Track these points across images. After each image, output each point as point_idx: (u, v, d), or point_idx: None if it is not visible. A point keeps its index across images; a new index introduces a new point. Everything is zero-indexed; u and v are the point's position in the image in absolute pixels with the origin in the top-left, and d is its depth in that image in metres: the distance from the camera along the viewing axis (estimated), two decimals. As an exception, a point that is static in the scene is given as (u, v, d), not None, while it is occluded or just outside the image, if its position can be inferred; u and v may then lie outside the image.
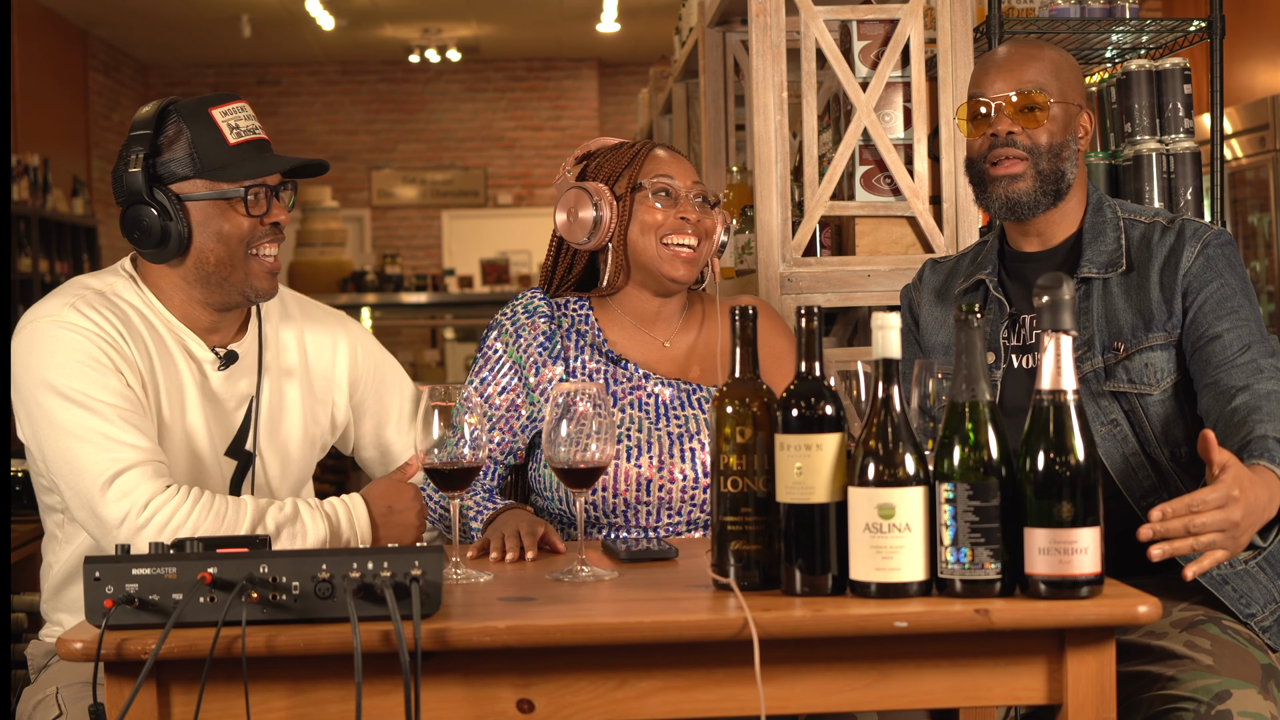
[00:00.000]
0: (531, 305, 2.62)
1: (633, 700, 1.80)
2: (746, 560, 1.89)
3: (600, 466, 2.07)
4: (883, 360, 1.83)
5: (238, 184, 2.31)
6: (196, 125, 2.31)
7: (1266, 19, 8.04)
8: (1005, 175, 2.41)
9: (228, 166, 2.31)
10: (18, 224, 8.66)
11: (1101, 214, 2.46)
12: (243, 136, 2.34)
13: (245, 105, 2.38)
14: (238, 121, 2.34)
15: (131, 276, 2.39)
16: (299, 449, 2.50)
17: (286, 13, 10.98)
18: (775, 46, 3.16)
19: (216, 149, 2.31)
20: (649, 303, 2.63)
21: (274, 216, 2.36)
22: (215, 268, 2.34)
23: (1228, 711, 2.06)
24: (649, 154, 2.63)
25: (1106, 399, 2.36)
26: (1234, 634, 2.22)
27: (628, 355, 2.59)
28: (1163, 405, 2.35)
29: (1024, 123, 2.40)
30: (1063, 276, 1.82)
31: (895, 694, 1.82)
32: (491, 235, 12.99)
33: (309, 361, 2.53)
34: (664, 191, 2.60)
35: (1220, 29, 3.32)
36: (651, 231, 2.58)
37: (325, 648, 1.73)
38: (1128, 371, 2.36)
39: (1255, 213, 6.88)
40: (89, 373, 2.23)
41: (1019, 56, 2.45)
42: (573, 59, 13.24)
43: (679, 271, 2.58)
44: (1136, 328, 2.36)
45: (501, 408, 2.56)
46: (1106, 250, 2.42)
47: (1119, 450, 2.34)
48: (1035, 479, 1.79)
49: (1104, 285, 2.40)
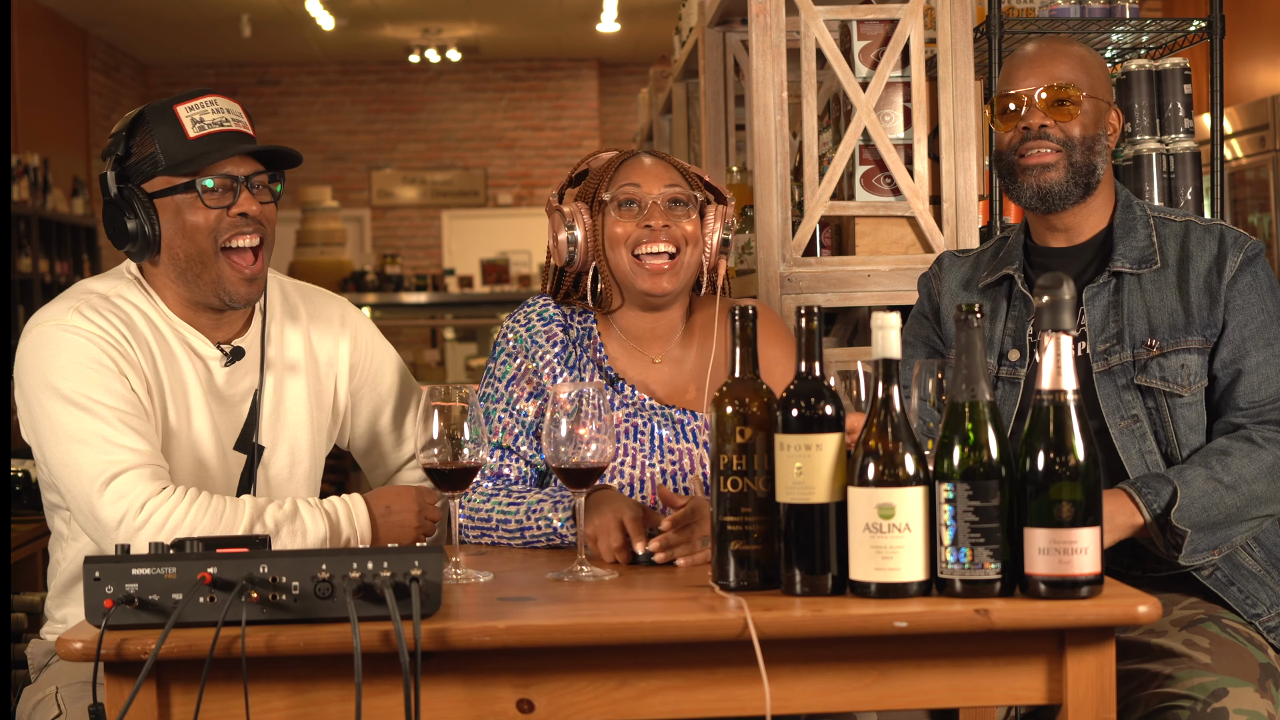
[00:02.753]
0: (546, 313, 2.54)
1: (633, 700, 1.80)
2: (746, 560, 1.89)
3: (600, 467, 2.07)
4: (883, 360, 1.83)
5: (192, 174, 2.31)
6: (161, 123, 2.33)
7: (1266, 19, 8.04)
8: (1037, 165, 2.39)
9: (188, 160, 2.31)
10: (18, 224, 8.66)
11: (1131, 211, 2.46)
12: (206, 129, 2.33)
13: (217, 99, 2.37)
14: (202, 115, 2.34)
15: (136, 279, 2.41)
16: (307, 439, 2.50)
17: (286, 13, 10.98)
18: (775, 46, 3.16)
19: (178, 144, 2.32)
20: (641, 320, 2.53)
21: (241, 207, 2.33)
22: (187, 264, 2.35)
23: (1224, 709, 2.06)
24: (620, 165, 2.52)
25: (1132, 393, 2.35)
26: (1233, 633, 2.22)
27: (626, 374, 2.51)
28: (1190, 408, 2.34)
29: (1056, 116, 2.39)
30: (1063, 276, 1.82)
31: (895, 694, 1.82)
32: (491, 235, 12.99)
33: (314, 352, 2.53)
34: (629, 201, 2.49)
35: (1220, 29, 3.32)
36: (621, 245, 2.48)
37: (325, 648, 1.73)
38: (1161, 369, 2.35)
39: (1255, 213, 6.89)
40: (91, 375, 2.24)
41: (1049, 52, 2.44)
42: (573, 59, 13.25)
43: (650, 284, 2.47)
44: (1175, 328, 2.36)
45: (530, 414, 2.48)
46: (1139, 246, 2.41)
47: (1135, 446, 2.34)
48: (1035, 479, 1.79)
49: (1137, 281, 2.39)
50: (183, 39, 11.93)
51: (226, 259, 2.34)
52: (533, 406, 2.48)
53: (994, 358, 2.45)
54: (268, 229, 2.39)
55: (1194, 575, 2.31)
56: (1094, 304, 2.39)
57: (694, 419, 2.48)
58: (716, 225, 2.52)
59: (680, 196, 2.49)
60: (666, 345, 2.54)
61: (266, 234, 2.38)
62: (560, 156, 13.21)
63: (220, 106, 2.36)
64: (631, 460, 2.44)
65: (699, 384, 2.52)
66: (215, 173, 2.32)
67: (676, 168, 2.54)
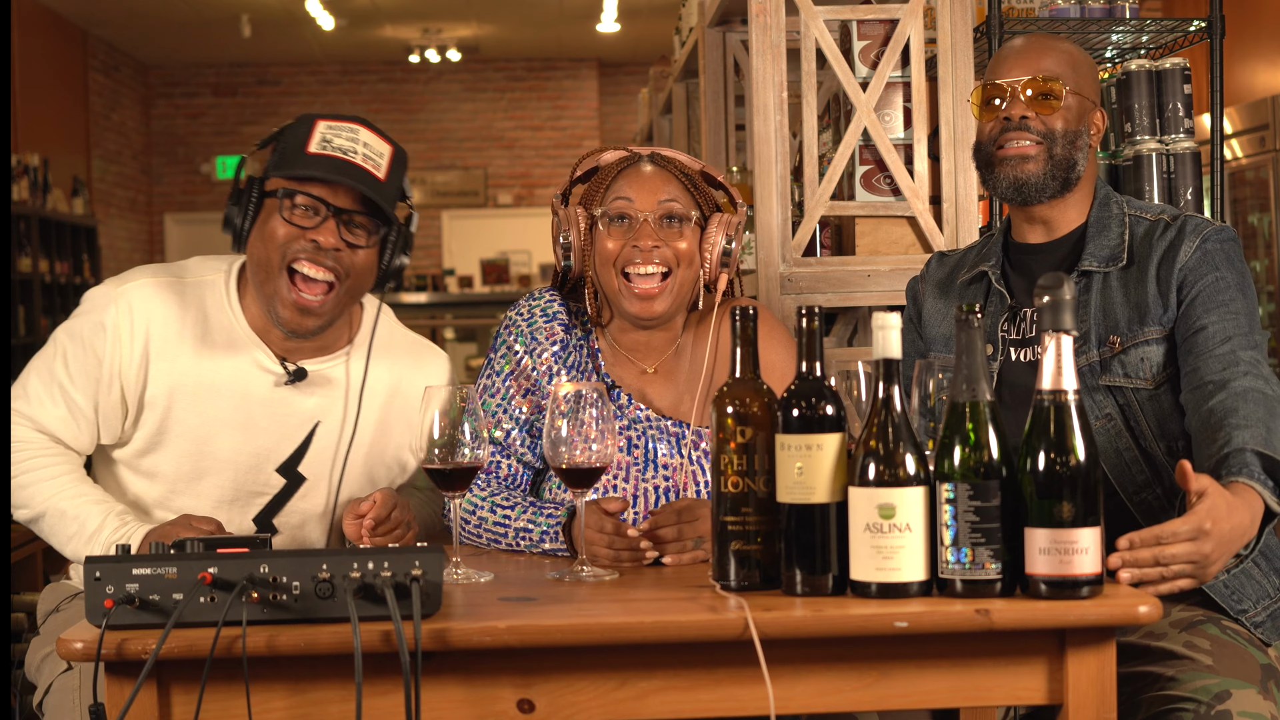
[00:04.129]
0: (550, 310, 2.47)
1: (633, 700, 1.80)
2: (747, 560, 1.89)
3: (601, 467, 2.07)
4: (883, 360, 1.83)
5: (289, 183, 2.28)
6: (299, 128, 2.31)
7: (1266, 19, 8.04)
8: (1015, 155, 2.39)
9: (294, 170, 2.28)
10: (18, 224, 8.66)
11: (1107, 209, 2.45)
12: (328, 150, 2.27)
13: (361, 130, 2.31)
14: (334, 136, 2.28)
15: (228, 275, 2.40)
16: (357, 489, 2.44)
17: (286, 13, 10.98)
18: (775, 46, 3.16)
19: (295, 152, 2.28)
20: (634, 335, 2.45)
21: (319, 235, 2.27)
22: (255, 268, 2.32)
23: (1227, 712, 2.06)
24: (617, 175, 2.42)
25: (1101, 393, 2.35)
26: (1233, 634, 2.22)
27: (622, 381, 2.44)
28: (1157, 399, 2.33)
29: (1038, 108, 2.39)
30: (1063, 276, 1.82)
31: (895, 694, 1.82)
32: (491, 235, 13.00)
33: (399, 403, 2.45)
34: (620, 217, 2.38)
35: (1220, 29, 3.32)
36: (610, 263, 2.39)
37: (325, 648, 1.73)
38: (1123, 365, 2.35)
39: (1255, 213, 6.88)
40: (94, 337, 2.32)
41: (1036, 46, 2.44)
42: (573, 59, 13.25)
43: (638, 308, 2.37)
44: (1132, 322, 2.35)
45: (525, 411, 2.43)
46: (1109, 245, 2.41)
47: (1112, 445, 2.34)
48: (1036, 479, 1.79)
49: (1104, 279, 2.39)
50: (183, 39, 11.93)
51: (288, 278, 2.29)
52: (528, 404, 2.43)
53: None
54: (349, 274, 2.31)
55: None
56: None
57: (690, 431, 2.42)
58: (718, 237, 2.42)
59: (675, 212, 2.39)
60: (661, 356, 2.47)
61: (343, 277, 2.30)
62: (560, 156, 13.21)
63: (360, 139, 2.30)
64: (625, 474, 2.39)
65: (694, 393, 2.45)
66: (308, 190, 2.27)
67: (679, 177, 2.43)
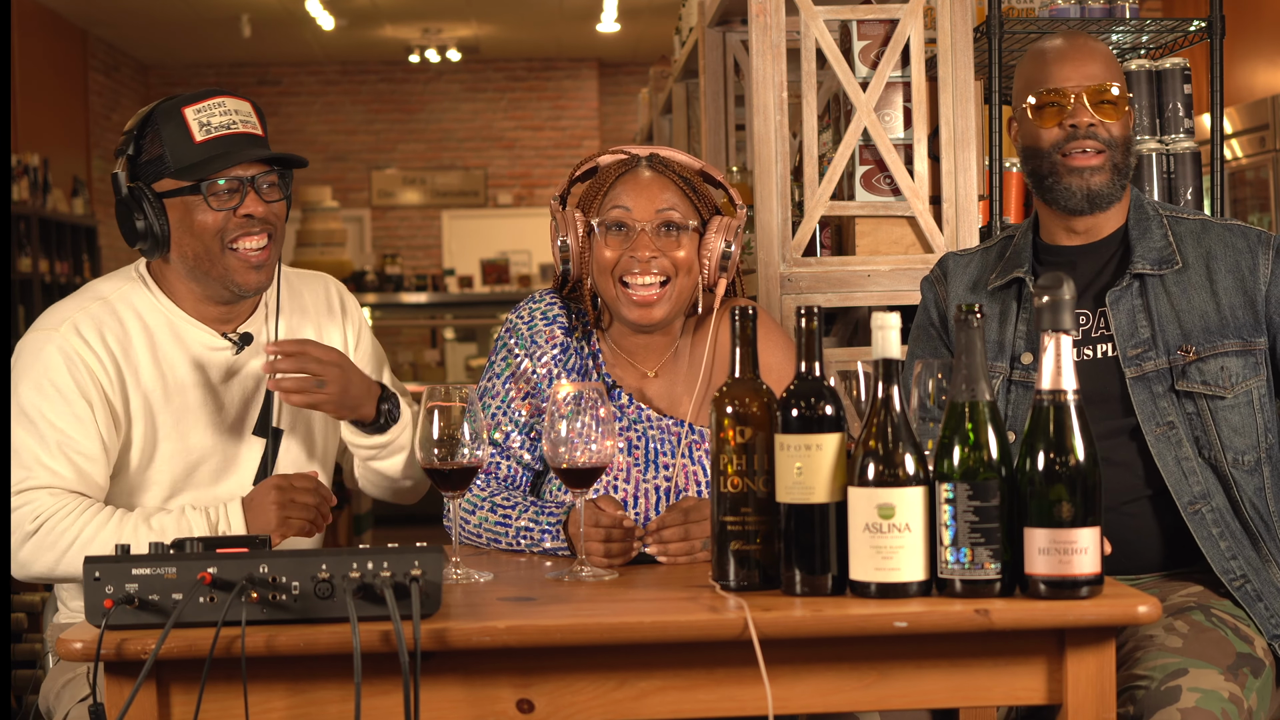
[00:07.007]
0: (550, 312, 2.47)
1: (633, 700, 1.80)
2: (746, 560, 1.89)
3: (601, 467, 2.07)
4: (883, 360, 1.83)
5: (197, 180, 2.36)
6: (169, 125, 2.38)
7: (1266, 19, 8.04)
8: (1086, 167, 2.36)
9: (194, 164, 2.36)
10: (18, 224, 8.66)
11: (1143, 210, 2.44)
12: (213, 133, 2.37)
13: (226, 100, 2.41)
14: (209, 118, 2.38)
15: (142, 278, 2.47)
16: (320, 421, 2.55)
17: (286, 13, 10.98)
18: (775, 46, 3.16)
19: (184, 147, 2.37)
20: (631, 338, 2.45)
21: (246, 209, 2.38)
22: (195, 262, 2.40)
23: (1177, 687, 2.05)
24: (615, 181, 2.41)
25: (1168, 399, 2.32)
26: (1218, 622, 2.20)
27: (622, 382, 2.44)
28: (1233, 410, 2.32)
29: (1102, 115, 2.37)
30: (1063, 276, 1.82)
31: (895, 694, 1.82)
32: (491, 235, 12.99)
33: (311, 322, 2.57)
34: (617, 225, 2.38)
35: (1220, 29, 3.32)
36: (607, 272, 2.38)
37: (325, 648, 1.73)
38: (1201, 373, 2.33)
39: (1255, 213, 6.88)
40: (51, 397, 2.34)
41: (1084, 49, 2.41)
42: (573, 59, 13.24)
43: (637, 315, 2.37)
44: (1209, 331, 2.34)
45: (525, 414, 2.43)
46: (1156, 246, 2.39)
47: (1171, 453, 2.31)
48: (1035, 479, 1.79)
49: (1161, 282, 2.37)
50: (183, 39, 11.92)
51: (233, 252, 2.40)
52: (527, 407, 2.43)
53: (1006, 361, 2.41)
54: (276, 226, 2.43)
55: (1224, 582, 2.27)
56: (1119, 307, 2.37)
57: (691, 431, 2.41)
58: (717, 242, 2.40)
59: (674, 220, 2.38)
60: (661, 359, 2.47)
61: (275, 230, 2.43)
62: (560, 156, 13.20)
63: (228, 108, 2.40)
64: (625, 475, 2.39)
65: (693, 393, 2.44)
66: (221, 177, 2.37)
67: (678, 182, 2.42)
